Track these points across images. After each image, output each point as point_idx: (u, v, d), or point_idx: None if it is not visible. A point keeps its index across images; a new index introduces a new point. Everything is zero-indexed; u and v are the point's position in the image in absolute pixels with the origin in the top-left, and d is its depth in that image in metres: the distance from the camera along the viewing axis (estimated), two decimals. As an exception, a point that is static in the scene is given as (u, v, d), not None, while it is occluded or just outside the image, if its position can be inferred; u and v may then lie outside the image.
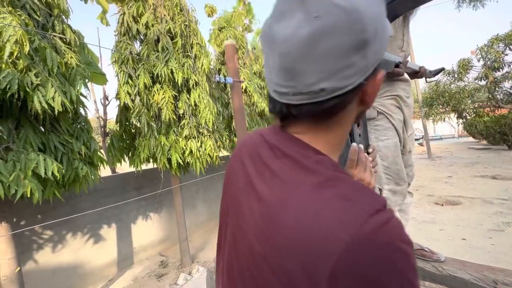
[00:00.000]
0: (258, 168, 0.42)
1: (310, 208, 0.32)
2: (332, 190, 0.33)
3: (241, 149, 0.50)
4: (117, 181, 4.23)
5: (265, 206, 0.37)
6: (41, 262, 3.22)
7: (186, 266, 3.86)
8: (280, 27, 0.33)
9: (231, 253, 0.44)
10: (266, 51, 0.37)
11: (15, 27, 1.78)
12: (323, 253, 0.29)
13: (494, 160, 9.12)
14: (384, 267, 0.28)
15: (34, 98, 1.89)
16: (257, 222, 0.37)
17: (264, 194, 0.38)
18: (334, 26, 0.30)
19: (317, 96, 0.34)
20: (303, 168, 0.36)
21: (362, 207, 0.31)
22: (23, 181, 1.83)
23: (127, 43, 3.27)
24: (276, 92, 0.38)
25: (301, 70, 0.33)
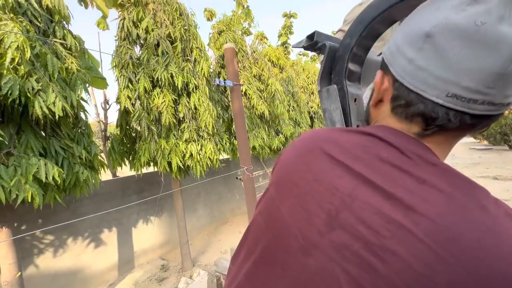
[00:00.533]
0: (385, 172, 0.34)
1: (493, 227, 0.29)
2: (497, 208, 0.31)
3: (322, 145, 0.40)
4: (118, 185, 4.23)
5: (429, 220, 0.30)
6: (42, 267, 3.21)
7: (187, 270, 3.85)
8: (508, 30, 0.30)
9: (328, 271, 0.33)
10: (464, 50, 0.32)
11: (17, 33, 1.80)
12: None
13: (495, 161, 9.09)
14: None
15: (35, 103, 1.90)
16: (416, 239, 0.29)
17: (417, 204, 0.31)
18: None
19: (500, 109, 0.33)
20: (454, 182, 0.33)
21: None
22: (24, 186, 1.84)
23: (127, 48, 3.29)
24: (455, 96, 0.33)
25: None
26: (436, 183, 0.32)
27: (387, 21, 0.62)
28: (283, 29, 9.41)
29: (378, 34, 0.65)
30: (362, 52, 0.69)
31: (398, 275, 0.29)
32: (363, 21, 0.61)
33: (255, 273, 0.42)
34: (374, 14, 0.59)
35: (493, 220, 0.30)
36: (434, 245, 0.29)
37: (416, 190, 0.32)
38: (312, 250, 0.35)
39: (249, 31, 7.27)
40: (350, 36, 0.65)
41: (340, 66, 0.67)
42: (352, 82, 0.70)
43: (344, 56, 0.66)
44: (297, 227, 0.37)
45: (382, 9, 0.57)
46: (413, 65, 0.35)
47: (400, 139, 0.37)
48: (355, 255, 0.31)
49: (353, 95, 0.69)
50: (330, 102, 0.68)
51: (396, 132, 0.38)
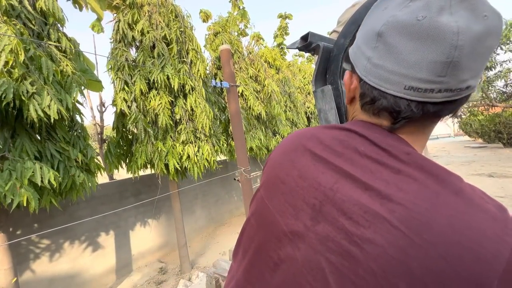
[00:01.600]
0: (363, 165, 0.36)
1: (465, 211, 0.30)
2: (472, 192, 0.32)
3: (304, 143, 0.43)
4: (115, 187, 4.20)
5: (404, 208, 0.31)
6: (38, 272, 3.17)
7: (186, 272, 3.83)
8: (448, 20, 0.31)
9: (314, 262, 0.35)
10: (410, 44, 0.33)
11: (10, 36, 1.79)
12: (493, 256, 0.28)
13: (490, 158, 9.20)
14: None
15: (30, 106, 1.88)
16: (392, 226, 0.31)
17: (392, 193, 0.33)
18: (496, 27, 0.32)
19: (459, 94, 0.34)
20: (430, 170, 0.34)
21: (501, 208, 0.31)
22: (19, 190, 1.82)
23: (123, 50, 3.28)
24: (412, 89, 0.34)
25: (464, 65, 0.32)
26: (410, 172, 0.34)
27: (380, 21, 0.63)
28: (278, 30, 9.45)
29: (371, 34, 0.66)
30: (356, 52, 0.69)
31: (375, 261, 0.31)
32: (357, 21, 0.62)
33: (250, 271, 0.44)
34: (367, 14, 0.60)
35: (467, 202, 0.31)
36: (407, 231, 0.30)
37: (391, 180, 0.34)
38: (299, 244, 0.37)
39: (245, 32, 7.28)
40: (344, 36, 0.66)
41: (334, 66, 0.68)
42: (347, 81, 0.71)
43: (338, 56, 0.67)
44: (285, 223, 0.39)
45: (374, 9, 0.58)
46: (371, 63, 0.37)
47: (374, 132, 0.39)
48: (337, 246, 0.33)
49: None
50: (325, 102, 0.69)
51: (370, 126, 0.40)
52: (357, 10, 0.63)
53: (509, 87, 10.43)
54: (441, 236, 0.29)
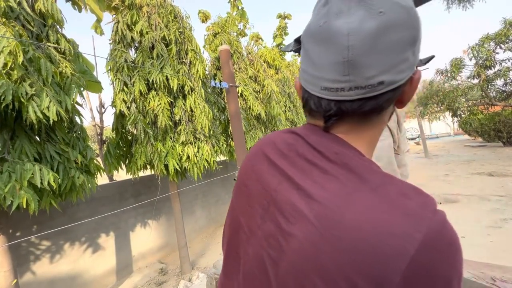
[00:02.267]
0: (300, 167, 0.39)
1: (376, 207, 0.31)
2: (392, 188, 0.33)
3: (263, 148, 0.47)
4: (115, 189, 4.20)
5: (320, 205, 0.34)
6: (38, 274, 3.17)
7: (186, 273, 3.83)
8: (341, 22, 0.33)
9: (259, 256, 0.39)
10: (316, 48, 0.36)
11: (9, 38, 1.79)
12: (396, 252, 0.28)
13: (490, 157, 9.21)
14: (451, 264, 0.29)
15: (29, 108, 1.88)
16: (309, 223, 0.33)
17: (315, 192, 0.35)
18: (398, 20, 0.32)
19: (374, 90, 0.34)
20: (353, 168, 0.36)
21: (424, 205, 0.31)
22: (18, 191, 1.82)
23: (122, 51, 3.28)
24: (326, 89, 0.37)
25: (363, 63, 0.33)
26: (335, 171, 0.36)
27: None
28: (278, 30, 9.44)
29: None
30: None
31: (295, 254, 0.34)
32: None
33: (226, 264, 0.49)
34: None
35: (381, 199, 0.32)
36: (320, 227, 0.33)
37: (319, 180, 0.37)
38: (252, 240, 0.42)
39: (244, 32, 7.28)
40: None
41: None
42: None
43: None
44: (244, 222, 0.44)
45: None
46: (301, 68, 0.42)
47: (313, 134, 0.42)
48: (275, 241, 0.37)
49: None
50: None
51: (312, 128, 0.43)
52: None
53: (508, 86, 10.43)
54: (348, 231, 0.31)
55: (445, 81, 11.23)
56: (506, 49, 9.63)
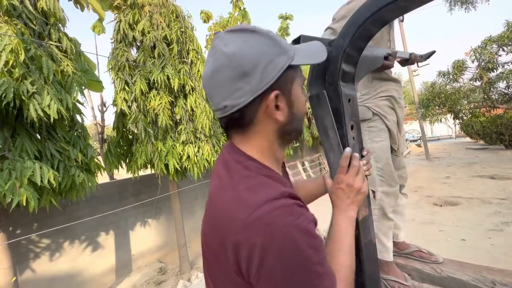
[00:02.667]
0: (218, 174, 0.54)
1: (229, 197, 0.46)
2: (244, 185, 0.46)
3: (217, 163, 0.61)
4: (115, 187, 4.20)
5: (209, 195, 0.52)
6: (38, 271, 3.18)
7: (185, 273, 3.83)
8: (204, 69, 0.53)
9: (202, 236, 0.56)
10: None
11: (11, 36, 1.79)
12: (231, 229, 0.42)
13: (491, 160, 9.17)
14: (266, 238, 0.39)
15: (30, 106, 1.89)
16: (206, 215, 0.52)
17: (211, 190, 0.53)
18: (221, 65, 0.48)
19: (225, 111, 0.50)
20: (233, 171, 0.50)
21: (260, 197, 0.43)
22: (18, 189, 1.82)
23: (124, 50, 3.29)
24: (212, 105, 0.54)
25: (210, 94, 0.52)
26: (221, 172, 0.52)
27: (379, 22, 0.63)
28: (279, 31, 9.44)
29: (370, 35, 0.66)
30: (355, 53, 0.69)
31: (203, 240, 0.51)
32: (356, 22, 0.62)
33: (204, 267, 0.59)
34: (366, 15, 0.60)
35: (234, 193, 0.46)
36: (208, 217, 0.50)
37: (215, 182, 0.53)
38: (203, 242, 0.53)
39: (246, 32, 7.27)
40: (343, 37, 0.65)
41: (333, 67, 0.67)
42: (346, 82, 0.70)
43: (337, 57, 0.67)
44: (203, 230, 0.54)
45: (373, 10, 0.58)
46: None
47: (227, 145, 0.58)
48: (204, 236, 0.52)
49: (347, 96, 0.69)
50: (321, 108, 0.68)
51: (229, 141, 0.58)
52: (356, 10, 0.62)
53: (511, 89, 10.39)
54: (214, 210, 0.49)
55: (447, 83, 11.19)
56: (509, 51, 9.59)
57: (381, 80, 1.36)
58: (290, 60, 0.50)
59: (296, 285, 0.41)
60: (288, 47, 0.52)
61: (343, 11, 1.31)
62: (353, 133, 0.70)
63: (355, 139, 0.70)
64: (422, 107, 12.14)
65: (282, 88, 0.50)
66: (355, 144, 0.70)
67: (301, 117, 0.57)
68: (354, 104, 0.71)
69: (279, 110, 0.51)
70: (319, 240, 0.44)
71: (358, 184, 0.61)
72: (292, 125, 0.55)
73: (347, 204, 0.62)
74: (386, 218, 1.35)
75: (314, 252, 0.42)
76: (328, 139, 0.68)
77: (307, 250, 0.41)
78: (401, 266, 1.42)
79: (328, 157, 0.70)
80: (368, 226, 0.71)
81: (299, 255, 0.40)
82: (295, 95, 0.53)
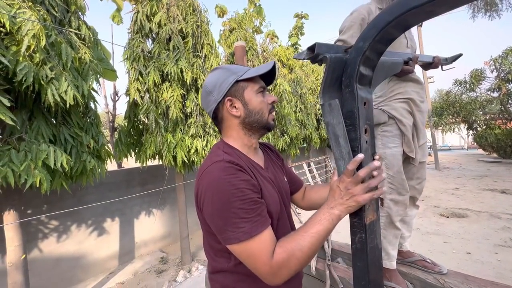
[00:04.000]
0: None
1: (201, 164, 0.77)
2: (209, 156, 0.77)
3: None
4: (123, 176, 4.29)
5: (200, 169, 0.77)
6: (45, 251, 3.29)
7: (186, 264, 3.89)
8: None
9: None
10: None
11: (34, 22, 1.84)
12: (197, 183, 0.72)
13: (504, 174, 8.90)
14: (203, 185, 0.68)
15: (48, 91, 1.94)
16: None
17: None
18: (202, 90, 0.83)
19: (210, 116, 0.84)
20: (211, 151, 0.81)
21: (210, 161, 0.71)
22: (33, 171, 1.88)
23: (140, 41, 3.33)
24: None
25: (204, 107, 0.85)
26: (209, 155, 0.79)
27: (401, 26, 0.62)
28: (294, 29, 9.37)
29: (391, 39, 0.65)
30: (375, 56, 0.68)
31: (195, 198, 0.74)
32: (377, 25, 0.61)
33: None
34: (388, 19, 0.59)
35: (203, 162, 0.76)
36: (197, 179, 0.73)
37: None
38: None
39: (260, 29, 7.25)
40: (363, 39, 0.65)
41: (351, 69, 0.67)
42: (363, 85, 0.70)
43: (356, 59, 0.66)
44: None
45: (396, 14, 0.57)
46: None
47: None
48: None
49: (363, 99, 0.69)
50: (333, 116, 0.68)
51: None
52: (379, 14, 0.62)
53: (530, 102, 10.04)
54: (198, 176, 0.73)
55: (463, 92, 10.89)
56: (530, 63, 9.25)
57: (400, 81, 1.27)
58: (237, 77, 0.77)
59: (220, 218, 0.63)
60: (239, 70, 0.78)
61: (348, 22, 1.28)
62: (367, 136, 0.69)
63: (368, 143, 0.70)
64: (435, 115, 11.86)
65: (235, 95, 0.77)
66: (367, 148, 0.69)
67: (257, 112, 0.78)
68: (369, 108, 0.71)
69: (236, 109, 0.77)
70: (245, 194, 0.64)
71: (356, 191, 0.63)
72: (250, 118, 0.78)
73: (337, 203, 0.66)
74: (393, 226, 1.32)
75: (236, 199, 0.62)
76: (338, 147, 0.68)
77: (230, 197, 0.62)
78: (403, 274, 1.40)
79: (338, 165, 0.70)
80: (375, 230, 0.70)
81: (224, 198, 0.63)
82: (248, 97, 0.77)
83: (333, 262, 1.64)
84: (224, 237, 0.64)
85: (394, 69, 0.91)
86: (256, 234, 0.62)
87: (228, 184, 0.63)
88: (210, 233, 0.72)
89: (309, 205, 1.02)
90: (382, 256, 0.77)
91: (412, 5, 0.54)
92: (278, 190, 0.83)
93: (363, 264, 0.68)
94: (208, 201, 0.65)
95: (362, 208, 0.67)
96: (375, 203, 0.71)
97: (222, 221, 0.63)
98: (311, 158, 8.86)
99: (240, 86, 0.77)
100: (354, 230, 0.69)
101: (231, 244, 0.64)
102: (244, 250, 0.63)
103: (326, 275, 1.49)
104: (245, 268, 0.66)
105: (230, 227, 0.62)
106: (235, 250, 0.64)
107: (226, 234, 0.63)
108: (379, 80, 0.81)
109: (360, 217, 0.68)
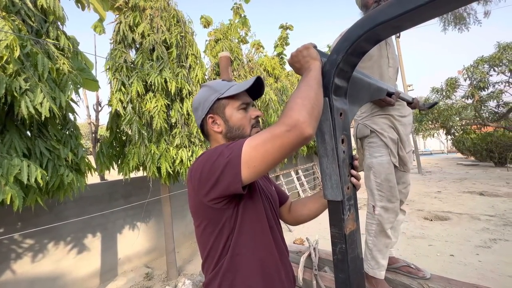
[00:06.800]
0: None
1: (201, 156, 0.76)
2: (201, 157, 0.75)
3: None
4: (105, 188, 4.13)
5: None
6: (18, 273, 3.06)
7: (172, 279, 3.74)
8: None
9: None
10: None
11: (7, 32, 1.77)
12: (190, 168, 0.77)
13: (481, 177, 9.32)
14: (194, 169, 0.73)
15: (22, 103, 1.86)
16: None
17: None
18: (193, 107, 0.91)
19: (199, 127, 0.91)
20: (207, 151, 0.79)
21: (203, 154, 0.74)
22: (3, 187, 1.77)
23: (122, 51, 3.28)
24: None
25: (195, 115, 0.90)
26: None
27: (372, 39, 0.64)
28: (279, 40, 9.58)
29: (363, 51, 0.67)
30: (349, 68, 0.70)
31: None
32: (349, 38, 0.63)
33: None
34: (359, 32, 0.61)
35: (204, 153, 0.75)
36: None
37: None
38: None
39: (245, 39, 7.36)
40: (337, 52, 0.66)
41: (326, 81, 0.68)
42: (338, 96, 0.71)
43: (330, 71, 0.68)
44: None
45: (366, 28, 0.59)
46: None
47: None
48: None
49: (339, 109, 0.70)
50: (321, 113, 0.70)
51: None
52: (350, 28, 0.64)
53: (501, 108, 10.68)
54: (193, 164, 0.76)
55: (440, 99, 11.45)
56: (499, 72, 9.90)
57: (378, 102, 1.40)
58: (219, 95, 0.82)
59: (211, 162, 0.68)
60: (221, 88, 0.83)
61: None
62: (344, 146, 0.71)
63: (345, 153, 0.71)
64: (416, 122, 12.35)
65: (216, 112, 0.83)
66: (344, 158, 0.70)
67: (237, 127, 0.82)
68: (346, 118, 0.72)
69: (218, 125, 0.83)
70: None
71: (298, 48, 0.74)
72: (232, 133, 0.82)
73: (303, 66, 0.72)
74: (384, 234, 1.34)
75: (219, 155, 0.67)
76: (323, 144, 0.69)
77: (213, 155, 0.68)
78: (389, 281, 1.41)
79: (321, 162, 0.71)
80: (355, 240, 0.71)
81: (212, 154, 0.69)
82: (228, 114, 0.82)
83: (320, 271, 1.63)
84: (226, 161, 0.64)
85: (378, 94, 0.96)
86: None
87: (213, 152, 0.70)
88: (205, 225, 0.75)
89: (295, 218, 1.01)
90: (363, 265, 0.77)
91: (380, 20, 0.56)
92: (267, 198, 0.86)
93: (345, 276, 0.67)
94: (199, 165, 0.71)
95: (342, 218, 0.67)
96: (354, 212, 0.72)
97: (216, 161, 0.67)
98: (298, 165, 8.93)
99: (222, 103, 0.82)
100: (335, 241, 0.69)
101: (240, 153, 0.62)
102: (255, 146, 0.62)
103: (313, 285, 1.47)
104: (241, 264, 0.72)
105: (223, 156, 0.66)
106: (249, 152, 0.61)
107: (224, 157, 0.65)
108: (364, 100, 0.86)
109: (340, 228, 0.68)
